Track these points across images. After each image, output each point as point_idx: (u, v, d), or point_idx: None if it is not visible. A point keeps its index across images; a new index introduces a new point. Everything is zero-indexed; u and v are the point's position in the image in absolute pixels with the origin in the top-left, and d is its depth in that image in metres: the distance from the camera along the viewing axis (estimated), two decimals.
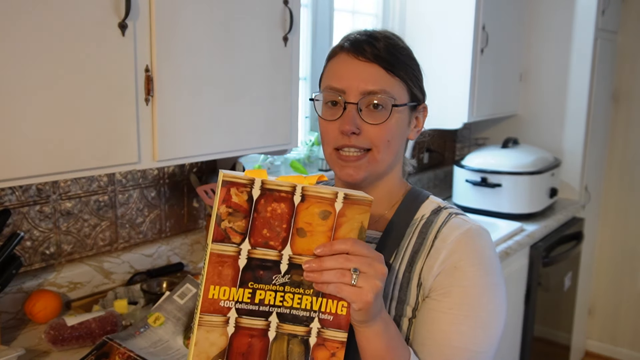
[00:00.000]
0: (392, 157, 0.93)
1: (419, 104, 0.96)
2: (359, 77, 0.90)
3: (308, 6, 2.21)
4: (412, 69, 0.94)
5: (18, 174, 1.07)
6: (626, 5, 3.15)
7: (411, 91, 0.93)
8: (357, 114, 0.89)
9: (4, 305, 1.38)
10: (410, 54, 0.97)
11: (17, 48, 1.03)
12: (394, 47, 0.93)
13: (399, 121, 0.92)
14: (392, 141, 0.91)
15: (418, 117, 0.97)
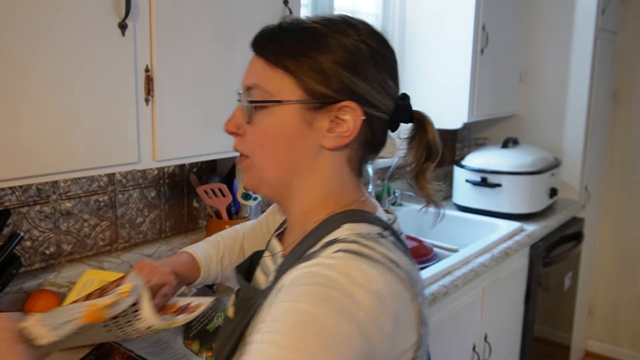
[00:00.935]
0: (276, 166, 0.78)
1: (325, 102, 0.75)
2: (246, 71, 0.80)
3: (308, 6, 2.21)
4: (312, 59, 0.75)
5: (18, 174, 1.07)
6: (626, 5, 3.15)
7: (307, 87, 0.75)
8: (239, 113, 0.80)
9: (3, 305, 1.38)
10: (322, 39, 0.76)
11: (17, 48, 1.03)
12: (284, 32, 0.77)
13: (280, 122, 0.76)
14: (268, 146, 0.77)
15: (339, 117, 0.75)
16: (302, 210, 0.80)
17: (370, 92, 0.76)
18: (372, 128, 0.78)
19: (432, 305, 1.68)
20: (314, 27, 0.77)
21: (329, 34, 0.76)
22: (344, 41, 0.76)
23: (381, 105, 0.78)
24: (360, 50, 0.76)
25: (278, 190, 0.80)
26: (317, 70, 0.74)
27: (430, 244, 2.14)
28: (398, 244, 0.77)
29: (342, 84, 0.75)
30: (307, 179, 0.78)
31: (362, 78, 0.75)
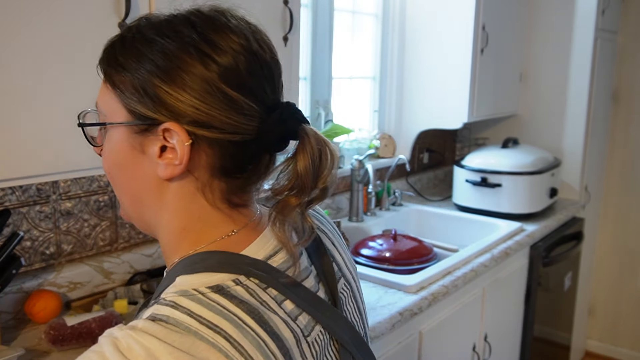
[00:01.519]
0: (124, 196, 0.68)
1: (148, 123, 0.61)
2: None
3: (308, 6, 2.21)
4: (131, 72, 0.61)
5: (18, 174, 1.07)
6: (626, 5, 3.15)
7: (129, 104, 0.61)
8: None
9: (4, 305, 1.38)
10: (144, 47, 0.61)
11: (17, 48, 1.03)
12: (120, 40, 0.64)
13: (113, 146, 0.65)
14: (112, 172, 0.67)
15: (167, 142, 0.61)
16: (163, 249, 0.67)
17: (199, 107, 0.59)
18: (223, 152, 0.61)
19: (432, 305, 1.68)
20: (144, 32, 0.62)
21: (154, 38, 0.61)
22: (168, 45, 0.60)
23: (224, 125, 0.60)
24: (185, 53, 0.60)
25: (139, 223, 0.69)
26: (135, 85, 0.60)
27: (430, 244, 2.14)
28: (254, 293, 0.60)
29: (160, 100, 0.60)
30: (158, 214, 0.66)
31: (188, 92, 0.59)
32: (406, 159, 2.52)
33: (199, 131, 0.60)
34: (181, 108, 0.59)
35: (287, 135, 0.64)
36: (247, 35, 0.65)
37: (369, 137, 2.63)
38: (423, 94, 2.62)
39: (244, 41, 0.63)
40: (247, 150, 0.63)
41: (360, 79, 2.62)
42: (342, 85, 2.50)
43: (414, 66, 2.63)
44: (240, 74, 0.61)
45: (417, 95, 2.65)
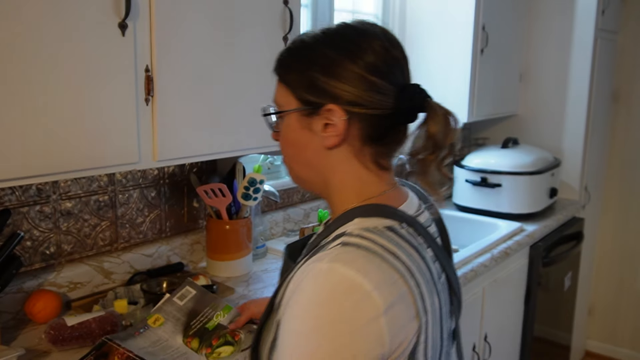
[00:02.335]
0: (299, 167, 0.89)
1: (315, 107, 0.83)
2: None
3: (308, 6, 2.21)
4: (297, 71, 0.84)
5: (18, 174, 1.07)
6: (626, 5, 3.15)
7: (299, 95, 0.84)
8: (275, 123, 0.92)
9: (4, 305, 1.38)
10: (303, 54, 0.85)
11: (16, 48, 1.03)
12: (288, 51, 0.88)
13: (288, 129, 0.87)
14: (287, 150, 0.89)
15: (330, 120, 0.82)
16: (338, 203, 0.87)
17: (350, 91, 0.81)
18: (369, 124, 0.83)
19: None
20: (303, 40, 0.85)
21: (310, 44, 0.84)
22: (318, 47, 0.83)
23: (369, 103, 0.81)
24: (333, 51, 0.82)
25: (311, 186, 0.91)
26: (301, 79, 0.83)
27: None
28: (413, 237, 0.81)
29: (320, 88, 0.82)
30: (332, 176, 0.87)
31: (338, 79, 0.81)
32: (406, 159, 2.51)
33: (352, 109, 0.81)
34: (339, 93, 0.81)
35: (416, 108, 0.85)
36: (382, 38, 0.84)
37: None
38: None
39: (380, 42, 0.83)
40: (386, 122, 0.84)
41: None
42: None
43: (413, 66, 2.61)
44: (379, 66, 0.82)
45: None
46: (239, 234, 1.74)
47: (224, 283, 1.67)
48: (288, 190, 2.18)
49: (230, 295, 1.60)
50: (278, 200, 1.99)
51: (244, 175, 1.78)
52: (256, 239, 1.91)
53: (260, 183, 1.73)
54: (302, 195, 2.25)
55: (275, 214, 2.11)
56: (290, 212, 2.18)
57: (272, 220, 2.10)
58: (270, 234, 2.10)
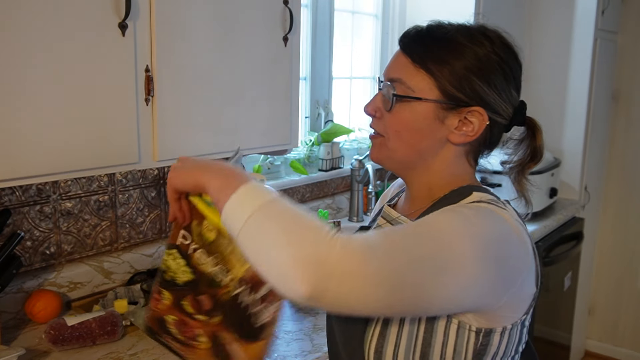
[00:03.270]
0: (408, 150, 0.90)
1: (458, 105, 0.87)
2: (392, 65, 0.92)
3: (308, 6, 2.21)
4: (453, 67, 0.86)
5: (18, 174, 1.08)
6: (626, 6, 3.15)
7: (444, 89, 0.86)
8: (379, 98, 0.92)
9: (4, 305, 1.38)
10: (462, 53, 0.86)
11: (17, 48, 1.03)
12: (429, 38, 0.89)
13: (415, 114, 0.88)
14: (402, 133, 0.89)
15: (467, 119, 0.88)
16: (428, 186, 0.93)
17: (496, 100, 0.88)
18: (492, 130, 0.91)
19: None
20: (456, 36, 0.87)
21: (467, 44, 0.87)
22: (479, 51, 0.87)
23: (503, 113, 0.89)
24: (491, 61, 0.87)
25: (401, 166, 0.94)
26: (454, 76, 0.86)
27: None
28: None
29: (474, 91, 0.86)
30: (432, 163, 0.92)
31: (492, 87, 0.87)
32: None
33: (494, 117, 0.89)
34: (489, 100, 0.87)
35: (519, 122, 0.93)
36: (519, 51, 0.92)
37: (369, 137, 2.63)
38: None
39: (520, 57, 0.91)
40: (502, 130, 0.93)
41: (360, 79, 2.62)
42: (342, 85, 2.50)
43: None
44: (518, 78, 0.91)
45: None
46: None
47: None
48: (288, 190, 2.18)
49: None
50: None
51: None
52: None
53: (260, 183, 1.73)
54: (302, 195, 2.25)
55: None
56: None
57: None
58: None
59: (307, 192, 2.27)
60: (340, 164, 2.37)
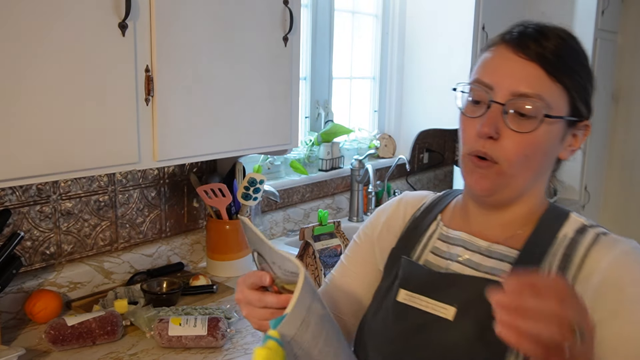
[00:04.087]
0: (529, 175, 0.81)
1: (580, 120, 0.83)
2: (513, 75, 0.78)
3: (308, 6, 2.21)
4: (580, 78, 0.81)
5: (18, 174, 1.08)
6: (626, 6, 3.15)
7: (574, 103, 0.80)
8: (500, 117, 0.78)
9: (4, 305, 1.38)
10: (584, 60, 0.83)
11: (17, 48, 1.03)
12: (564, 49, 0.80)
13: (549, 135, 0.79)
14: (532, 157, 0.79)
15: (576, 134, 0.84)
16: (530, 209, 0.86)
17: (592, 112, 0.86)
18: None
19: None
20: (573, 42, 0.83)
21: (581, 51, 0.83)
22: (587, 63, 0.84)
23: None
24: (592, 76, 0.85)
25: (512, 196, 0.84)
26: (581, 89, 0.82)
27: None
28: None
29: (588, 104, 0.84)
30: (539, 184, 0.86)
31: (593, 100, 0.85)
32: (406, 159, 2.52)
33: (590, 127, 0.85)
34: (592, 111, 0.85)
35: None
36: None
37: (369, 137, 2.63)
38: (423, 94, 2.62)
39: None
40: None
41: (360, 79, 2.62)
42: (342, 85, 2.50)
43: (413, 66, 2.63)
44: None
45: (417, 95, 2.65)
46: (239, 234, 1.74)
47: (224, 283, 1.67)
48: (288, 190, 2.18)
49: (230, 295, 1.60)
50: (278, 200, 1.99)
51: (244, 175, 1.78)
52: None
53: (260, 183, 1.73)
54: (302, 195, 2.25)
55: (275, 214, 2.11)
56: (290, 212, 2.18)
57: (272, 220, 2.10)
58: (270, 234, 2.10)
59: (307, 192, 2.27)
60: (340, 164, 2.37)
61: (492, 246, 0.85)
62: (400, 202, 1.01)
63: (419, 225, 0.94)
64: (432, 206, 0.97)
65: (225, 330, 1.31)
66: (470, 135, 0.81)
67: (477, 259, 0.85)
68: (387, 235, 0.97)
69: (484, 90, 0.79)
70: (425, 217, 0.96)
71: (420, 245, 0.92)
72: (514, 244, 0.84)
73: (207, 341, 1.29)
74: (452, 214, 0.94)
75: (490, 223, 0.87)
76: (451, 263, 0.87)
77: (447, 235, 0.90)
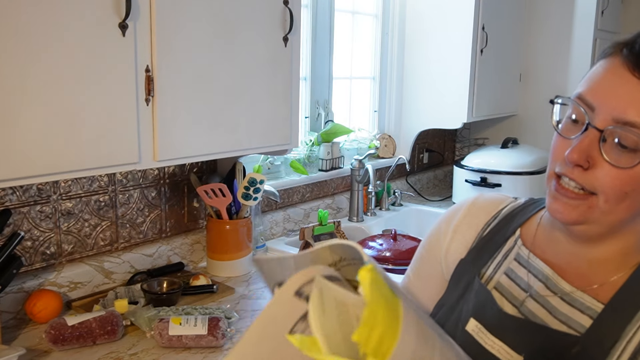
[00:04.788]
0: (626, 213, 0.69)
1: None
2: (620, 97, 0.66)
3: (308, 6, 2.22)
4: None
5: (18, 174, 1.08)
6: (626, 6, 3.15)
7: None
8: (596, 144, 0.67)
9: (4, 305, 1.38)
10: None
11: (17, 48, 1.04)
12: None
13: None
14: (632, 193, 0.67)
15: None
16: (625, 250, 0.74)
17: None
18: None
19: None
20: None
21: None
22: None
23: None
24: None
25: (603, 232, 0.73)
26: None
27: None
28: None
29: None
30: (637, 224, 0.73)
31: None
32: (406, 159, 2.52)
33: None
34: None
35: None
36: None
37: (369, 137, 2.63)
38: (423, 94, 2.62)
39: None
40: None
41: (360, 79, 2.62)
42: (342, 85, 2.50)
43: (413, 66, 2.63)
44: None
45: (417, 95, 2.65)
46: (239, 234, 1.75)
47: (224, 283, 1.67)
48: (288, 190, 2.18)
49: (230, 295, 1.60)
50: (278, 200, 1.99)
51: (244, 175, 1.78)
52: (256, 239, 1.91)
53: (260, 183, 1.73)
54: (302, 195, 2.25)
55: (275, 214, 2.11)
56: (290, 212, 2.18)
57: (272, 220, 2.10)
58: (270, 234, 2.10)
59: (307, 192, 2.27)
60: (340, 164, 2.37)
61: (575, 292, 0.75)
62: (472, 206, 0.92)
63: (494, 238, 0.85)
64: (511, 216, 0.87)
65: (225, 329, 1.32)
66: (559, 154, 0.71)
67: (555, 302, 0.76)
68: (456, 245, 0.88)
69: (584, 110, 0.68)
70: (502, 228, 0.86)
71: (494, 262, 0.83)
72: (601, 294, 0.73)
73: (207, 341, 1.29)
74: (535, 233, 0.82)
75: (578, 256, 0.76)
76: (528, 299, 0.78)
77: (528, 262, 0.80)
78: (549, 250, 0.79)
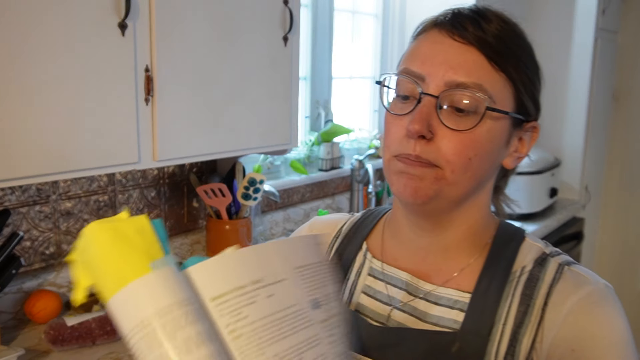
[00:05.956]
0: (471, 182, 0.66)
1: (527, 119, 0.68)
2: (447, 61, 0.64)
3: (308, 6, 2.21)
4: (527, 69, 0.67)
5: (18, 174, 1.07)
6: (626, 5, 3.15)
7: (520, 98, 0.67)
8: (434, 112, 0.64)
9: (3, 305, 1.38)
10: (530, 51, 0.69)
11: (17, 48, 1.03)
12: (509, 33, 0.67)
13: (492, 134, 0.65)
14: (474, 159, 0.65)
15: (523, 138, 0.70)
16: (471, 229, 0.71)
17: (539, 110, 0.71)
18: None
19: None
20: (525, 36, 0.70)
21: (528, 43, 0.70)
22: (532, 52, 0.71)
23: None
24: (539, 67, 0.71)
25: (451, 207, 0.69)
26: (528, 82, 0.68)
27: None
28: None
29: (537, 102, 0.69)
30: (481, 197, 0.71)
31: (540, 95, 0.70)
32: None
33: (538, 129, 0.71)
34: (539, 109, 0.70)
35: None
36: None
37: (369, 137, 2.63)
38: None
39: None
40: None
41: (360, 79, 2.62)
42: (342, 85, 2.50)
43: None
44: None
45: None
46: (239, 234, 1.74)
47: None
48: (288, 190, 2.18)
49: None
50: (278, 200, 1.99)
51: (244, 175, 1.78)
52: (256, 239, 1.91)
53: (260, 183, 1.73)
54: (302, 195, 2.25)
55: (275, 214, 2.11)
56: (290, 212, 2.18)
57: (272, 220, 2.10)
58: (270, 234, 2.10)
59: (307, 192, 2.27)
60: (340, 164, 2.37)
61: (438, 290, 0.70)
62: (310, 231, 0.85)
63: (342, 259, 0.79)
64: (353, 232, 0.81)
65: None
66: (397, 136, 0.66)
67: (422, 306, 0.71)
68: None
69: (414, 82, 0.65)
70: (347, 246, 0.80)
71: (349, 284, 0.77)
72: (463, 283, 0.70)
73: None
74: (382, 242, 0.77)
75: (430, 249, 0.72)
76: (393, 311, 0.72)
77: (383, 273, 0.75)
78: (400, 255, 0.75)
